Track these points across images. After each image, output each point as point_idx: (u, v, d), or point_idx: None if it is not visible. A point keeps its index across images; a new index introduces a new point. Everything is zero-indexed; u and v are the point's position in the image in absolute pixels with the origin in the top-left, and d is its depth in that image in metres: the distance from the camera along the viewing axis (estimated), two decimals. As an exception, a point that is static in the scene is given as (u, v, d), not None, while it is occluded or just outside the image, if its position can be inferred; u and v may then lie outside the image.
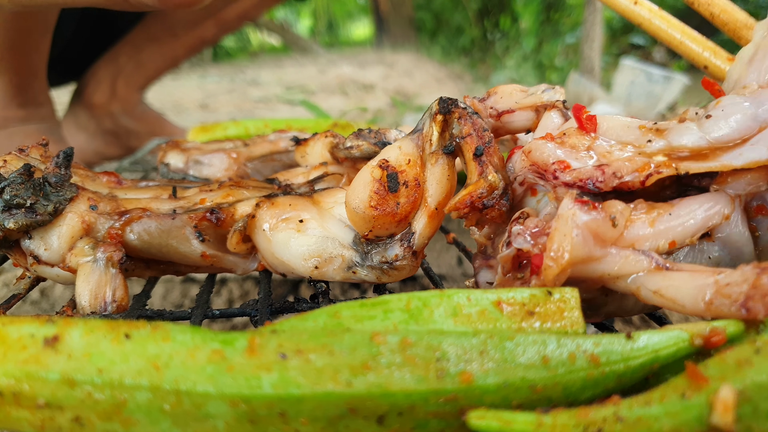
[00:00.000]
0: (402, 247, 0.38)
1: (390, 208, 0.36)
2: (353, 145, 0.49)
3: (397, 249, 0.38)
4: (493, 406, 0.25)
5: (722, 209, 0.33)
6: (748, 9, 2.60)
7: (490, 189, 0.35)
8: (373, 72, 4.07)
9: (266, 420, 0.25)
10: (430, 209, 0.37)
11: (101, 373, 0.25)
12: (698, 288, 0.29)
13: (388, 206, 0.36)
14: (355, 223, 0.38)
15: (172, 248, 0.42)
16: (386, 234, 0.38)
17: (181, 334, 0.26)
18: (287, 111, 2.55)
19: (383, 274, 0.39)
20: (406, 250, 0.38)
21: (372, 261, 0.39)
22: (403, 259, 0.38)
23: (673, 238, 0.33)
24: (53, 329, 0.26)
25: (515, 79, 3.28)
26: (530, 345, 0.27)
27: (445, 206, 0.37)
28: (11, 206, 0.39)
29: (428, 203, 0.37)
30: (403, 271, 0.39)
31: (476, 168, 0.36)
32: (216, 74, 4.27)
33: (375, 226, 0.37)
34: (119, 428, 0.26)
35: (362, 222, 0.38)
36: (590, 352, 0.27)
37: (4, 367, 0.26)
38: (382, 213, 0.36)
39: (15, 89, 0.95)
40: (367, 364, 0.25)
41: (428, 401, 0.25)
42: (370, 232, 0.38)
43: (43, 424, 0.26)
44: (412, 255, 0.38)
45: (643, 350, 0.27)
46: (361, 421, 0.25)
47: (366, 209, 0.36)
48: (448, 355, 0.26)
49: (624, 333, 0.28)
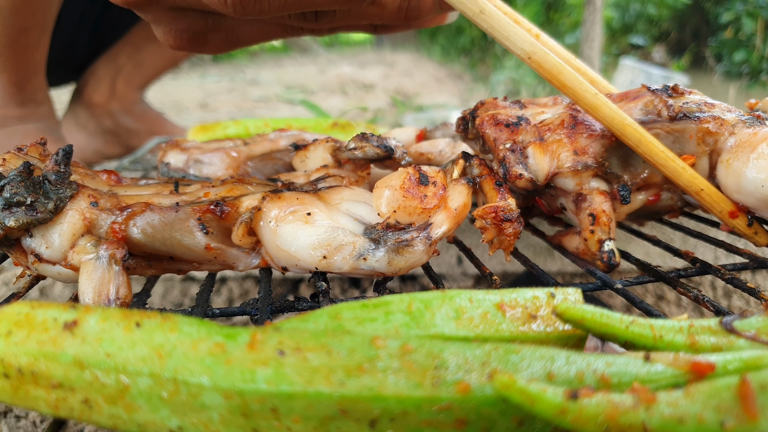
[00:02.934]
0: (419, 231, 0.41)
1: (417, 194, 0.41)
2: (357, 146, 0.49)
3: (413, 233, 0.41)
4: (490, 419, 0.25)
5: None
6: (748, 9, 2.63)
7: (508, 208, 0.43)
8: (373, 71, 4.07)
9: (258, 415, 0.25)
10: (450, 210, 0.42)
11: (108, 358, 0.26)
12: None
13: (416, 192, 0.41)
14: (381, 201, 0.42)
15: (176, 241, 0.42)
16: (406, 221, 0.42)
17: (188, 325, 0.27)
18: (287, 110, 2.55)
19: (396, 254, 0.40)
20: (421, 234, 0.41)
21: (386, 243, 0.40)
22: (419, 242, 0.41)
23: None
24: (74, 314, 0.28)
25: (515, 79, 3.28)
26: (536, 360, 0.26)
27: (463, 214, 0.43)
28: (11, 204, 0.38)
29: (449, 206, 0.42)
30: (415, 255, 0.41)
31: (497, 194, 0.44)
32: (216, 74, 4.27)
33: (400, 207, 0.41)
34: (123, 413, 0.26)
35: (388, 201, 0.41)
36: (601, 372, 0.25)
37: (26, 346, 0.27)
38: (410, 195, 0.41)
39: (14, 87, 0.95)
40: (362, 366, 0.25)
41: (421, 408, 0.25)
42: (394, 213, 0.41)
43: (57, 404, 0.27)
44: (428, 240, 0.41)
45: (661, 375, 0.25)
46: (352, 424, 0.25)
47: (397, 189, 0.41)
48: (447, 364, 0.25)
49: (642, 353, 0.26)
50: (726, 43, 3.82)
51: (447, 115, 1.96)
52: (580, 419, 0.23)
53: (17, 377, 0.27)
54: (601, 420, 0.23)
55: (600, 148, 0.46)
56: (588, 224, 0.45)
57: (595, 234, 0.45)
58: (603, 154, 0.46)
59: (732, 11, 3.70)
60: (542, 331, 0.30)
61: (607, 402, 0.23)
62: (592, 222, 0.45)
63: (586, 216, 0.46)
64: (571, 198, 0.47)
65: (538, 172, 0.46)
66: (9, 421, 0.53)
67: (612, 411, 0.23)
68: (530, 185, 0.46)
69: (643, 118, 0.47)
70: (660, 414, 0.23)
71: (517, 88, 3.21)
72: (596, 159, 0.46)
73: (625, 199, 0.46)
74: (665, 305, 0.74)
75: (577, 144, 0.46)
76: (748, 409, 0.23)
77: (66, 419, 0.31)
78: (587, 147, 0.46)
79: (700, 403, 0.23)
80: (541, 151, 0.46)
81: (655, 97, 0.47)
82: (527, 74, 3.34)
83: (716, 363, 0.26)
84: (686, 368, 0.26)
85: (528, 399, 0.23)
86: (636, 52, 4.07)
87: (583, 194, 0.46)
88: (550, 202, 0.51)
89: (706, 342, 0.29)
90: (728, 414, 0.23)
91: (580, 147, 0.46)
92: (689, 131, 0.46)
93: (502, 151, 0.47)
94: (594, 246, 0.45)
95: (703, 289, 0.77)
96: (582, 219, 0.46)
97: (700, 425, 0.23)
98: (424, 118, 1.94)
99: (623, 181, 0.47)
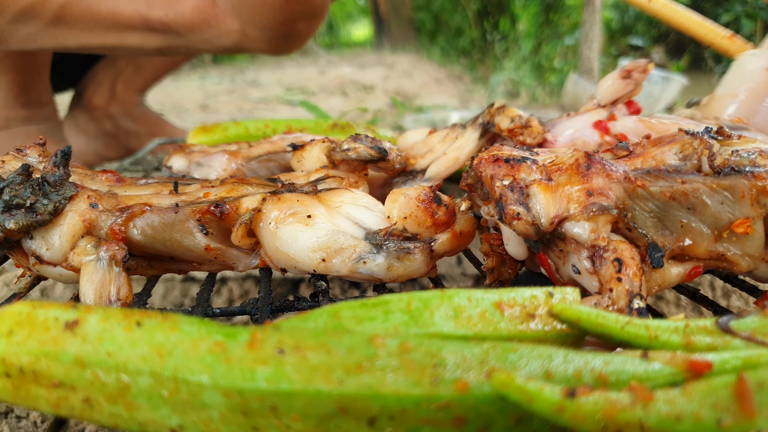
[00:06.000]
0: (422, 242, 0.42)
1: (429, 209, 0.43)
2: (350, 147, 0.50)
3: (417, 242, 0.42)
4: (488, 417, 0.25)
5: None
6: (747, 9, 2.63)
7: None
8: (372, 73, 4.07)
9: (258, 413, 0.25)
10: (455, 232, 0.44)
11: (109, 357, 0.26)
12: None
13: (429, 207, 0.43)
14: (395, 205, 0.43)
15: (176, 242, 0.42)
16: (413, 231, 0.43)
17: (188, 325, 0.27)
18: (287, 112, 2.55)
19: (396, 261, 0.41)
20: (424, 245, 0.42)
21: (388, 249, 0.41)
22: (420, 252, 0.42)
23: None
24: (75, 314, 0.28)
25: (515, 80, 3.28)
26: (534, 358, 0.26)
27: (466, 240, 0.45)
28: (11, 207, 0.39)
29: (455, 229, 0.44)
30: (415, 263, 0.41)
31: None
32: (216, 75, 4.27)
33: (411, 215, 0.42)
34: (124, 412, 0.27)
35: (401, 207, 0.42)
36: (598, 371, 0.26)
37: (28, 345, 0.27)
38: (422, 207, 0.43)
39: (19, 88, 0.95)
40: (361, 364, 0.25)
41: (420, 406, 0.25)
42: (404, 219, 0.42)
43: (58, 403, 0.27)
44: (429, 252, 0.42)
45: (659, 373, 0.26)
46: (351, 422, 0.25)
47: (412, 199, 0.43)
48: (446, 362, 0.25)
49: (640, 351, 0.27)
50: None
51: (447, 116, 1.96)
52: (577, 417, 0.23)
53: (18, 376, 0.27)
54: (598, 418, 0.23)
55: (622, 193, 0.37)
56: (613, 272, 0.35)
57: (623, 283, 0.35)
58: (625, 201, 0.37)
59: (731, 12, 3.70)
60: (540, 330, 0.30)
61: (604, 400, 0.23)
62: (618, 268, 0.35)
63: (609, 264, 0.35)
64: (586, 254, 0.36)
65: (541, 214, 0.37)
66: (10, 421, 0.53)
67: (609, 409, 0.23)
68: (531, 230, 0.37)
69: (678, 166, 0.38)
70: (657, 412, 0.23)
71: (516, 89, 3.21)
72: (616, 205, 0.36)
73: (656, 262, 0.36)
74: (664, 305, 0.74)
75: (592, 184, 0.37)
76: (745, 408, 0.23)
77: (66, 419, 0.32)
78: (605, 188, 0.37)
79: (698, 401, 0.23)
80: (547, 191, 0.37)
81: (694, 139, 0.38)
82: (527, 75, 3.34)
83: (713, 362, 0.26)
84: (683, 367, 0.26)
85: (526, 397, 0.23)
86: (635, 53, 4.08)
87: (602, 246, 0.36)
88: (558, 263, 0.39)
89: (702, 342, 0.29)
90: (725, 412, 0.23)
91: (595, 187, 0.37)
92: (740, 189, 0.37)
93: (499, 188, 0.38)
94: (622, 299, 0.34)
95: (702, 288, 0.77)
96: (604, 272, 0.36)
97: (697, 423, 0.23)
98: (424, 119, 1.95)
99: (653, 241, 0.37)
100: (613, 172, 0.37)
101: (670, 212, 0.37)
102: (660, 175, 0.38)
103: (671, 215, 0.37)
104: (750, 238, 0.37)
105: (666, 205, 0.37)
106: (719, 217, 0.37)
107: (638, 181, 0.37)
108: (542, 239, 0.38)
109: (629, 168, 0.38)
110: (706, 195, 0.37)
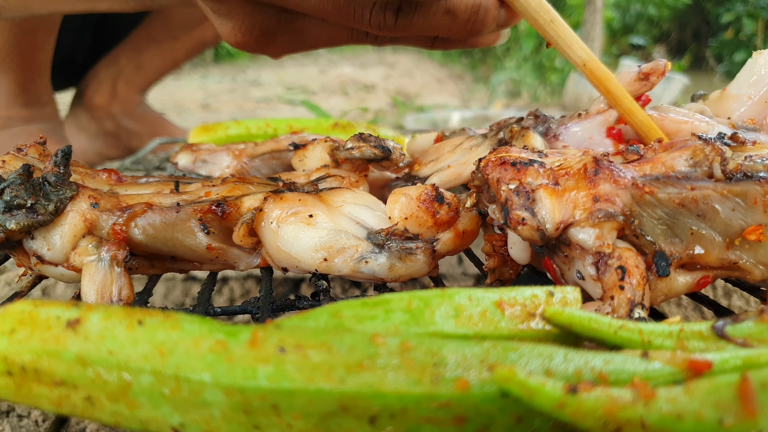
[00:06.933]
0: (424, 242, 0.42)
1: (431, 208, 0.42)
2: (354, 146, 0.50)
3: (419, 243, 0.42)
4: (489, 416, 0.25)
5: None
6: (748, 9, 2.63)
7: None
8: (374, 72, 4.07)
9: (259, 411, 0.25)
10: (458, 231, 0.44)
11: (111, 355, 0.26)
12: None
13: (430, 206, 0.43)
14: (395, 206, 0.43)
15: (177, 241, 0.42)
16: (414, 231, 0.42)
17: (189, 323, 0.27)
18: (288, 111, 2.55)
19: (398, 261, 0.41)
20: (426, 245, 0.42)
21: (390, 249, 0.41)
22: (422, 252, 0.41)
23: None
24: (76, 312, 0.28)
25: (516, 79, 3.28)
26: (534, 357, 0.26)
27: (469, 239, 0.44)
28: (12, 207, 0.39)
29: (458, 228, 0.44)
30: (417, 263, 0.41)
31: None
32: (217, 74, 4.27)
33: (412, 215, 0.42)
34: (125, 410, 0.27)
35: (402, 207, 0.42)
36: (599, 370, 0.26)
37: (29, 344, 0.27)
38: (423, 207, 0.42)
39: (19, 88, 0.95)
40: (362, 363, 0.25)
41: (421, 405, 0.25)
42: (405, 220, 0.42)
43: (60, 401, 0.27)
44: (432, 252, 0.42)
45: (659, 372, 0.25)
46: (352, 421, 0.25)
47: (413, 199, 0.42)
48: (446, 361, 0.25)
49: (639, 351, 0.27)
50: (726, 43, 3.81)
51: (448, 116, 1.96)
52: (578, 413, 0.23)
53: (20, 375, 0.27)
54: (599, 414, 0.23)
55: (629, 200, 0.36)
56: (616, 279, 0.35)
57: (625, 291, 0.34)
58: (633, 208, 0.36)
59: (732, 12, 3.70)
60: (541, 329, 0.30)
61: (606, 396, 0.23)
62: (621, 276, 0.35)
63: (612, 272, 0.35)
64: (591, 260, 0.36)
65: (547, 220, 0.36)
66: (11, 420, 0.53)
67: (611, 405, 0.23)
68: (537, 236, 0.37)
69: (689, 172, 0.37)
70: (659, 410, 0.23)
71: (517, 89, 3.21)
72: (623, 211, 0.36)
73: (662, 271, 0.36)
74: (665, 304, 0.74)
75: (599, 190, 0.37)
76: (747, 407, 0.23)
77: (68, 417, 0.32)
78: (612, 195, 0.36)
79: (699, 400, 0.23)
80: (553, 196, 0.37)
81: (706, 145, 0.38)
82: (528, 75, 3.34)
83: (713, 361, 0.26)
84: (683, 366, 0.26)
85: (527, 392, 0.23)
86: (636, 52, 4.08)
87: (607, 253, 0.36)
88: (563, 268, 0.40)
89: (696, 348, 0.29)
90: (727, 411, 0.23)
91: (602, 193, 0.36)
92: (752, 195, 0.36)
93: (505, 192, 0.38)
94: (623, 307, 0.34)
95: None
96: (607, 279, 0.36)
97: (699, 422, 0.23)
98: (425, 119, 1.95)
99: (660, 249, 0.37)
100: (621, 178, 0.37)
101: (679, 219, 0.36)
102: (669, 181, 0.37)
103: (681, 222, 0.37)
104: (763, 245, 0.36)
105: (675, 212, 0.36)
106: (731, 224, 0.36)
107: (646, 188, 0.36)
108: (547, 244, 0.38)
109: (638, 174, 0.37)
110: (716, 201, 0.36)
